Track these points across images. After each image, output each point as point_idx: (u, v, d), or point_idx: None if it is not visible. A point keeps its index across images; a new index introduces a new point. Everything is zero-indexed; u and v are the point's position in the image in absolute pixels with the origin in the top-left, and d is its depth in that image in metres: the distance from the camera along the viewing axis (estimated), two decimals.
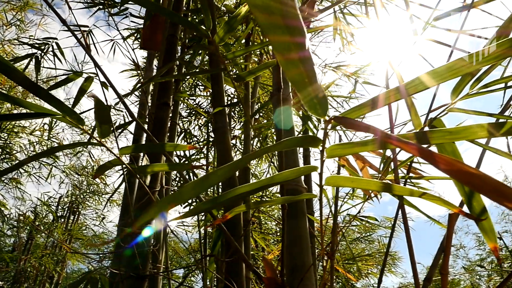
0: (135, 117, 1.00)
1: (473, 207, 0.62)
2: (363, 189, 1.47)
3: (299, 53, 0.32)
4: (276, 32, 0.29)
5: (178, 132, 4.14)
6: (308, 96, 0.40)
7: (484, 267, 6.90)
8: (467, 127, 0.44)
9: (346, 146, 0.49)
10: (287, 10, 0.26)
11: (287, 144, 0.45)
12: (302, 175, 0.49)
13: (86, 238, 5.47)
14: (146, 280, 1.24)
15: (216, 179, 0.36)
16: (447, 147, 0.65)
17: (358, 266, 5.06)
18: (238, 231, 1.16)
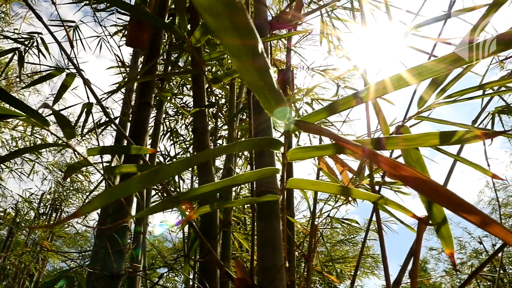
0: (111, 117, 1.00)
1: (433, 213, 0.63)
2: (324, 192, 1.48)
3: (252, 57, 0.32)
4: (227, 35, 0.29)
5: (164, 131, 4.12)
6: (266, 99, 0.40)
7: (459, 270, 7.03)
8: (420, 135, 0.45)
9: (308, 149, 0.50)
10: (235, 13, 0.27)
11: (245, 145, 0.46)
12: (263, 176, 0.50)
13: (68, 236, 5.39)
14: (121, 279, 1.23)
15: (166, 174, 0.36)
16: (412, 154, 0.67)
17: (341, 268, 5.09)
18: (214, 232, 1.16)
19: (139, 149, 0.66)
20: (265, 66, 0.34)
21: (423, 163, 0.67)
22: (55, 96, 1.93)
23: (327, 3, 2.47)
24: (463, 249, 7.63)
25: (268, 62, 0.34)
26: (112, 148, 0.86)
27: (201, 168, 1.24)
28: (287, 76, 2.49)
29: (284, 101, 0.41)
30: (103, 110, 0.97)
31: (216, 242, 1.15)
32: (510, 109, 1.91)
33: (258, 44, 0.31)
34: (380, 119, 0.72)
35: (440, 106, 0.68)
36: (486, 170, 0.76)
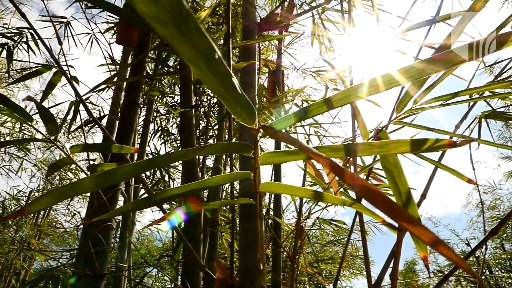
0: (93, 116, 0.99)
1: None
2: (296, 195, 1.49)
3: (207, 63, 0.32)
4: (177, 42, 0.29)
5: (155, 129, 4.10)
6: (230, 104, 0.41)
7: (443, 272, 7.10)
8: (392, 141, 0.46)
9: (279, 154, 0.50)
10: (181, 20, 0.27)
11: (215, 148, 0.46)
12: (235, 180, 0.50)
13: (56, 234, 5.34)
14: (104, 279, 1.23)
15: (121, 175, 0.36)
16: (389, 159, 0.67)
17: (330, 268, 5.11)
18: (197, 232, 1.16)
19: (121, 148, 0.66)
20: (224, 72, 0.34)
21: (400, 167, 0.68)
22: (42, 93, 1.91)
23: (318, 5, 2.48)
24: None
25: (228, 67, 0.34)
26: (95, 146, 0.86)
27: (185, 168, 1.24)
28: (277, 77, 2.50)
29: (250, 105, 0.41)
30: (85, 109, 0.97)
31: (199, 242, 1.15)
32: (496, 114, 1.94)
33: (213, 50, 0.31)
34: (359, 123, 0.72)
35: (417, 112, 0.69)
36: (461, 175, 0.77)
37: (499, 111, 1.85)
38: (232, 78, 0.37)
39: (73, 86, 0.97)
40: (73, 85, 0.97)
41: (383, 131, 0.71)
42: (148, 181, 3.67)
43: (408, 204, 0.65)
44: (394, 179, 0.66)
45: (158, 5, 0.25)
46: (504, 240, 7.01)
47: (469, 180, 0.77)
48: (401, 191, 0.65)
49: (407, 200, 0.65)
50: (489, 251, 7.25)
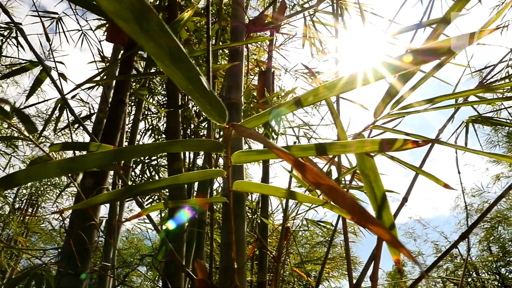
0: (78, 117, 0.99)
1: (383, 219, 0.65)
2: (269, 195, 1.49)
3: (173, 61, 0.33)
4: (141, 39, 0.30)
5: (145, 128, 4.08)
6: (200, 102, 0.41)
7: (424, 274, 7.15)
8: (356, 141, 0.47)
9: (251, 153, 0.51)
10: (144, 17, 0.27)
11: (187, 145, 0.46)
12: (207, 178, 0.50)
13: (43, 232, 5.29)
14: (85, 278, 1.22)
15: (88, 163, 0.35)
16: (366, 163, 0.68)
17: (319, 269, 5.13)
18: (181, 232, 1.16)
19: (99, 146, 0.66)
20: (191, 70, 0.34)
21: (377, 171, 0.69)
22: (29, 90, 1.89)
23: (309, 7, 2.49)
24: (439, 253, 7.79)
25: (194, 65, 0.35)
26: (73, 144, 0.85)
27: (169, 167, 1.24)
28: (267, 78, 2.50)
29: (220, 103, 0.42)
30: (68, 107, 0.96)
31: (182, 242, 1.15)
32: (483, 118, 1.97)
33: (177, 48, 0.31)
34: (337, 125, 0.73)
35: (394, 117, 0.70)
36: (438, 180, 0.78)
37: (486, 116, 1.88)
38: (200, 76, 0.37)
39: (55, 84, 0.96)
40: (55, 83, 0.97)
41: (361, 134, 0.72)
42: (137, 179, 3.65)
43: (383, 208, 0.66)
44: (370, 183, 0.66)
45: (121, 3, 0.26)
46: (491, 243, 7.10)
47: (446, 185, 0.78)
48: (376, 195, 0.66)
49: (382, 203, 0.66)
50: (476, 254, 7.35)
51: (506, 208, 6.59)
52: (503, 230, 6.92)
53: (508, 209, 6.58)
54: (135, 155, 0.36)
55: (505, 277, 6.90)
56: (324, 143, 0.48)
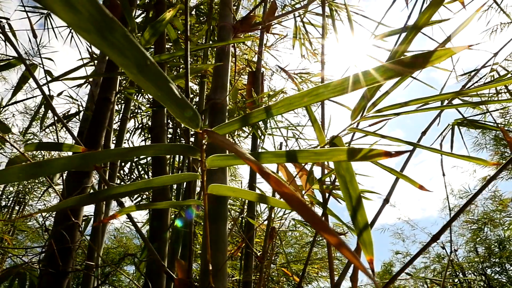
0: (60, 117, 0.98)
1: (357, 220, 0.66)
2: (242, 198, 1.50)
3: (138, 69, 0.33)
4: (106, 49, 0.30)
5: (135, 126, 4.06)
6: (172, 108, 0.41)
7: (411, 275, 7.27)
8: (329, 150, 0.48)
9: (225, 157, 0.51)
10: (105, 29, 0.28)
11: (160, 149, 0.47)
12: (182, 181, 0.51)
13: (30, 230, 5.23)
14: (67, 277, 1.21)
15: (53, 168, 0.35)
16: (342, 164, 0.69)
17: (307, 269, 5.16)
18: (162, 231, 1.16)
19: (71, 147, 0.66)
20: (159, 78, 0.35)
21: (352, 172, 0.70)
22: (14, 87, 1.87)
23: (298, 8, 2.50)
24: (427, 254, 7.88)
25: (162, 72, 0.35)
26: (47, 144, 0.85)
27: (154, 167, 1.24)
28: (256, 78, 2.51)
29: (192, 109, 0.42)
30: (49, 105, 0.96)
31: (164, 242, 1.15)
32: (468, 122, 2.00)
33: (143, 57, 0.32)
34: (316, 129, 0.74)
35: (370, 119, 0.71)
36: (413, 182, 0.80)
37: (471, 119, 1.91)
38: (169, 84, 0.38)
39: (36, 81, 0.96)
40: (36, 80, 0.96)
41: (338, 137, 0.73)
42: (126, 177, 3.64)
43: (358, 209, 0.67)
44: (346, 184, 0.68)
45: (77, 14, 0.26)
46: (477, 244, 7.21)
47: (421, 187, 0.80)
48: (351, 196, 0.67)
49: (357, 204, 0.67)
50: (463, 255, 7.46)
51: (492, 210, 6.69)
52: (489, 231, 7.03)
53: (494, 210, 6.69)
54: (103, 159, 0.36)
55: (491, 278, 7.01)
56: (296, 150, 0.48)
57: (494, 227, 6.79)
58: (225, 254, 1.00)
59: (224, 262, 0.92)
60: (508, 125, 5.06)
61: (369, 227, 0.66)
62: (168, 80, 0.36)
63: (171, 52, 1.99)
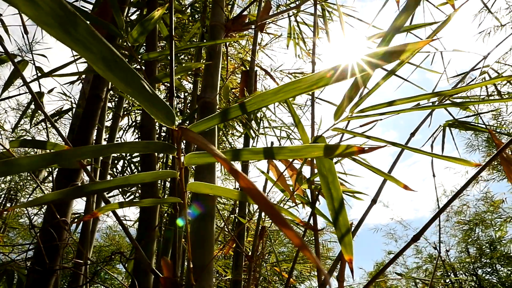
0: (47, 115, 0.98)
1: (339, 221, 0.67)
2: (222, 196, 1.51)
3: (105, 65, 0.33)
4: (71, 45, 0.30)
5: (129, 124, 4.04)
6: (145, 105, 0.41)
7: (403, 275, 7.32)
8: (306, 146, 0.48)
9: (204, 155, 0.51)
10: (68, 24, 0.28)
11: (136, 147, 0.47)
12: (159, 179, 0.51)
13: (22, 227, 5.19)
14: (54, 275, 1.21)
15: (24, 166, 0.35)
16: (325, 164, 0.70)
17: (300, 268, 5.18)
18: (150, 229, 1.16)
19: (54, 145, 0.65)
20: (128, 73, 0.35)
21: (335, 172, 0.70)
22: (4, 83, 1.86)
23: (291, 7, 2.51)
24: (419, 254, 7.93)
25: (132, 68, 0.35)
26: (31, 141, 0.84)
27: (142, 165, 1.24)
28: (249, 77, 2.51)
29: (166, 106, 0.42)
30: (35, 103, 0.95)
31: (152, 240, 1.15)
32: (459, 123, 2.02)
33: (110, 52, 0.32)
34: (299, 129, 0.74)
35: (352, 119, 0.71)
36: (398, 182, 0.80)
37: (462, 121, 1.92)
38: (140, 80, 0.38)
39: (23, 78, 0.95)
40: (25, 80, 0.95)
41: (321, 137, 0.73)
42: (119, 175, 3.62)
43: (340, 210, 0.67)
44: (328, 184, 0.68)
45: (39, 9, 0.26)
46: (469, 245, 7.27)
47: (405, 187, 0.80)
48: (333, 196, 0.67)
49: (339, 205, 0.68)
50: (454, 255, 7.51)
51: (484, 211, 6.75)
52: (481, 232, 7.09)
53: (486, 212, 6.74)
54: (76, 157, 0.36)
55: (482, 278, 7.07)
56: (273, 147, 0.48)
57: (485, 227, 6.85)
58: (212, 252, 1.00)
59: (210, 260, 0.92)
60: (500, 127, 5.11)
61: (349, 228, 0.66)
62: (138, 76, 0.36)
63: (164, 49, 1.98)
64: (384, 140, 0.75)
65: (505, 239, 6.75)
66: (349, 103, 0.70)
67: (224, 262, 4.10)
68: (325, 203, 0.70)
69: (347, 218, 0.67)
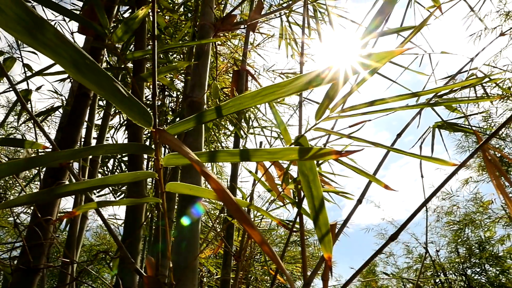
0: (32, 115, 0.97)
1: (319, 220, 0.68)
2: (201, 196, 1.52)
3: (76, 69, 0.33)
4: (42, 50, 0.30)
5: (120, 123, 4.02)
6: (120, 106, 0.42)
7: (389, 274, 7.39)
8: (281, 149, 0.49)
9: (180, 156, 0.52)
10: (35, 30, 0.28)
11: (115, 148, 0.47)
12: (138, 179, 0.51)
13: (11, 226, 5.13)
14: (38, 273, 1.20)
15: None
16: (306, 164, 0.70)
17: (291, 268, 5.20)
18: (135, 228, 1.16)
19: (32, 144, 0.65)
20: (100, 75, 0.35)
21: (315, 171, 0.71)
22: None
23: (282, 7, 2.52)
24: (410, 254, 8.00)
25: (104, 70, 0.36)
26: (11, 140, 0.84)
27: (130, 164, 1.24)
28: (240, 77, 2.51)
29: (142, 107, 0.42)
30: (20, 101, 0.95)
31: (137, 239, 1.15)
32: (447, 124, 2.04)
33: (80, 55, 0.32)
34: (282, 130, 0.75)
35: (333, 119, 0.72)
36: (379, 181, 0.82)
37: (451, 122, 1.95)
38: (113, 82, 0.38)
39: (8, 77, 0.95)
40: (9, 78, 0.95)
41: (303, 137, 0.74)
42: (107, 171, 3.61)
43: (320, 209, 0.68)
44: (309, 183, 0.69)
45: (4, 15, 0.26)
46: (458, 245, 7.34)
47: (386, 186, 0.81)
48: (314, 195, 0.68)
49: (319, 204, 0.68)
50: (444, 255, 7.59)
51: (473, 211, 6.83)
52: (470, 233, 7.17)
53: (475, 212, 6.82)
54: (49, 162, 0.36)
55: (471, 278, 7.15)
56: (250, 149, 0.49)
57: (475, 228, 6.93)
58: (196, 251, 1.00)
59: (194, 259, 0.92)
60: (490, 129, 5.17)
61: (329, 226, 0.67)
62: (111, 78, 0.37)
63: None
64: (367, 140, 0.76)
65: (493, 239, 6.83)
66: (329, 103, 0.71)
67: (215, 261, 4.10)
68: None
69: (327, 217, 0.68)
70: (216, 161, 0.50)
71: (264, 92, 0.44)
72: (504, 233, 6.65)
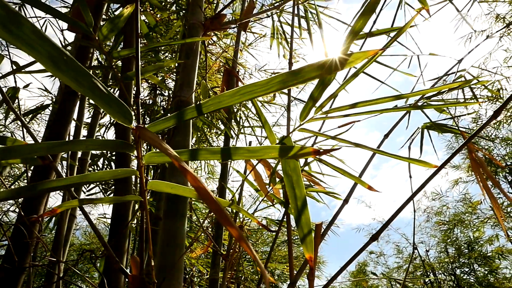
0: (17, 113, 0.96)
1: (301, 220, 0.68)
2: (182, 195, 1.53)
3: (55, 67, 0.33)
4: (15, 43, 0.30)
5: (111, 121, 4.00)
6: (102, 104, 0.42)
7: (377, 275, 7.46)
8: (263, 147, 0.49)
9: (162, 154, 0.52)
10: (11, 22, 0.28)
11: (95, 144, 0.47)
12: (118, 177, 0.51)
13: None
14: (23, 272, 1.19)
15: None
16: (290, 164, 0.71)
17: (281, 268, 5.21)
18: (122, 227, 1.16)
19: (14, 141, 0.65)
20: (78, 72, 0.35)
21: (299, 172, 0.72)
22: None
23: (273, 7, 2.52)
24: (400, 254, 8.08)
25: (82, 67, 0.36)
26: None
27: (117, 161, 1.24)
28: (230, 77, 2.51)
29: (123, 105, 0.43)
30: (4, 99, 0.94)
31: (124, 238, 1.15)
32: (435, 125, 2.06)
33: (58, 52, 0.32)
34: (266, 129, 0.75)
35: (317, 120, 0.73)
36: (363, 182, 0.83)
37: (439, 123, 1.97)
38: (92, 79, 0.38)
39: (2, 92, 0.94)
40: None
41: (288, 137, 0.75)
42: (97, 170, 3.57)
43: (303, 209, 0.69)
44: (292, 183, 0.69)
45: None
46: (448, 245, 7.43)
47: (369, 187, 0.82)
48: (297, 195, 0.69)
49: (302, 204, 0.69)
50: (434, 255, 7.66)
51: (462, 212, 6.91)
52: (459, 233, 7.26)
53: (464, 212, 6.90)
54: (25, 155, 0.36)
55: (460, 278, 7.24)
56: (231, 148, 0.49)
57: (464, 228, 7.02)
58: (182, 251, 1.00)
59: (179, 258, 0.92)
60: None
61: (310, 226, 0.67)
62: (90, 75, 0.37)
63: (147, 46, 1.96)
64: (348, 141, 0.77)
65: (482, 239, 6.92)
66: (314, 105, 0.71)
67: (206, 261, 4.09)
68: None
69: (309, 217, 0.68)
70: (197, 159, 0.51)
71: (243, 91, 0.45)
72: (493, 233, 6.74)
